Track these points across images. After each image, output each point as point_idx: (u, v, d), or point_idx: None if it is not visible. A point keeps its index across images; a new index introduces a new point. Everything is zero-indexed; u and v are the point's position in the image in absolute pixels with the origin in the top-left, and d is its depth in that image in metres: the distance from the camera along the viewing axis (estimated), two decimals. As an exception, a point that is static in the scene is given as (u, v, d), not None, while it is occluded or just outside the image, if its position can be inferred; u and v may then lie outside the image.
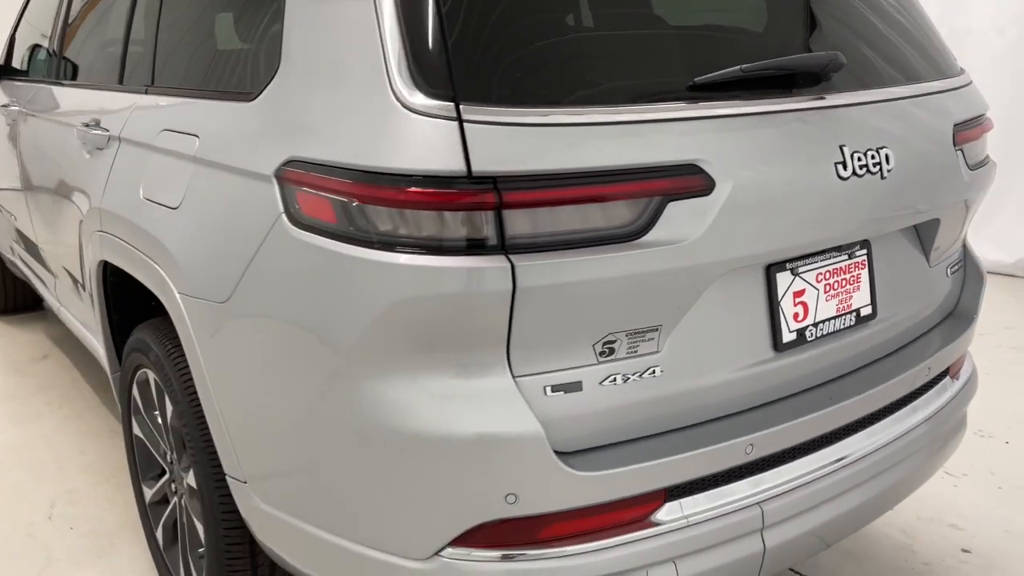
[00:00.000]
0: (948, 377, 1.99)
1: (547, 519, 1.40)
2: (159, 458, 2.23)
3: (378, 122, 1.35)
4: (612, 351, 1.42)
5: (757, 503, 1.54)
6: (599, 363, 1.42)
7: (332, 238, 1.38)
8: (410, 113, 1.31)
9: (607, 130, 1.35)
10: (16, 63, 3.58)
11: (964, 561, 2.48)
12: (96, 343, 2.72)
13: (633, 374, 1.45)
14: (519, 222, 1.29)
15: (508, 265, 1.29)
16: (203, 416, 1.83)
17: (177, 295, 1.75)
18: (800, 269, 1.62)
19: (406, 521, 1.43)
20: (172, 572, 2.24)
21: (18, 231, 3.48)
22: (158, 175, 1.87)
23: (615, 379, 1.44)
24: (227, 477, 1.76)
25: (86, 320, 2.76)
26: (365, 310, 1.34)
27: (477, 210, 1.28)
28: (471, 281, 1.29)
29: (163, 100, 2.00)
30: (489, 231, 1.28)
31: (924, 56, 1.88)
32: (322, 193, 1.40)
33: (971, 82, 2.00)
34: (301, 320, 1.45)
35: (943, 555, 2.50)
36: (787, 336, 1.62)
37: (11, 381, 3.71)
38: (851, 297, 1.72)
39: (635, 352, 1.44)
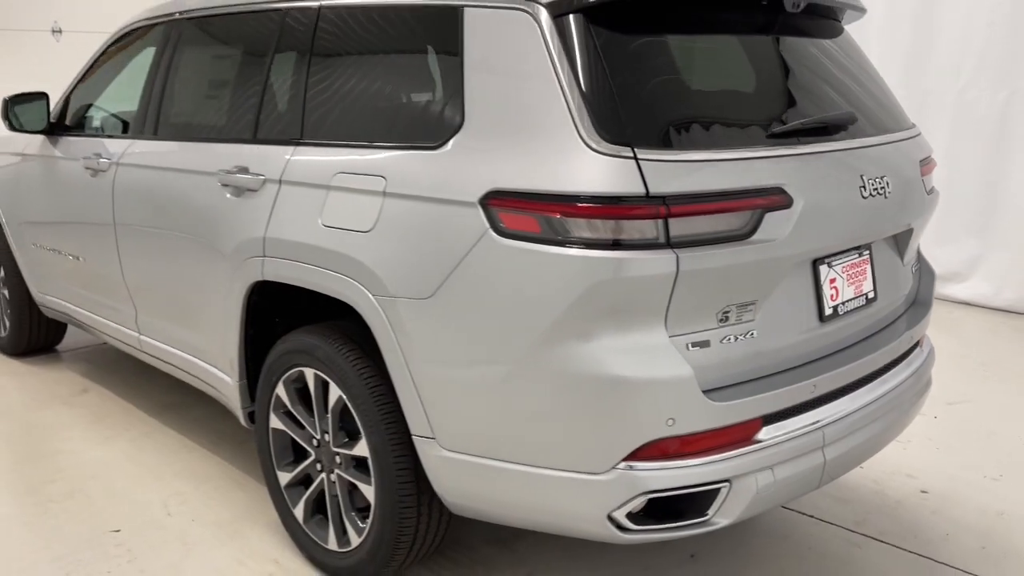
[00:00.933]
0: (919, 347, 2.71)
1: (691, 437, 2.00)
2: (303, 443, 2.70)
3: (572, 161, 1.95)
4: (727, 318, 2.05)
5: (820, 428, 2.18)
6: (719, 327, 2.05)
7: (538, 243, 1.96)
8: (597, 154, 1.92)
9: (727, 164, 2.00)
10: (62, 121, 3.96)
11: (924, 499, 3.20)
12: (198, 360, 3.16)
13: (739, 335, 2.08)
14: (679, 226, 1.91)
15: (674, 256, 1.90)
16: (381, 394, 2.36)
17: (372, 296, 2.27)
18: (834, 263, 2.30)
19: (590, 444, 2.00)
20: (315, 538, 2.69)
21: (78, 272, 3.84)
22: (341, 207, 2.39)
23: (729, 338, 2.06)
24: (413, 437, 2.28)
25: (191, 342, 3.18)
26: (569, 291, 1.93)
27: (653, 218, 1.89)
28: (648, 267, 1.89)
29: (325, 151, 2.52)
30: (660, 233, 1.90)
31: (894, 114, 2.63)
32: (526, 212, 1.98)
33: (920, 132, 2.75)
34: (509, 302, 2.02)
35: (908, 495, 3.21)
36: (827, 311, 2.28)
37: (65, 412, 4.01)
38: (862, 285, 2.41)
39: (741, 320, 2.07)
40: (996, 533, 2.96)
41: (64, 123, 3.99)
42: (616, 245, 1.90)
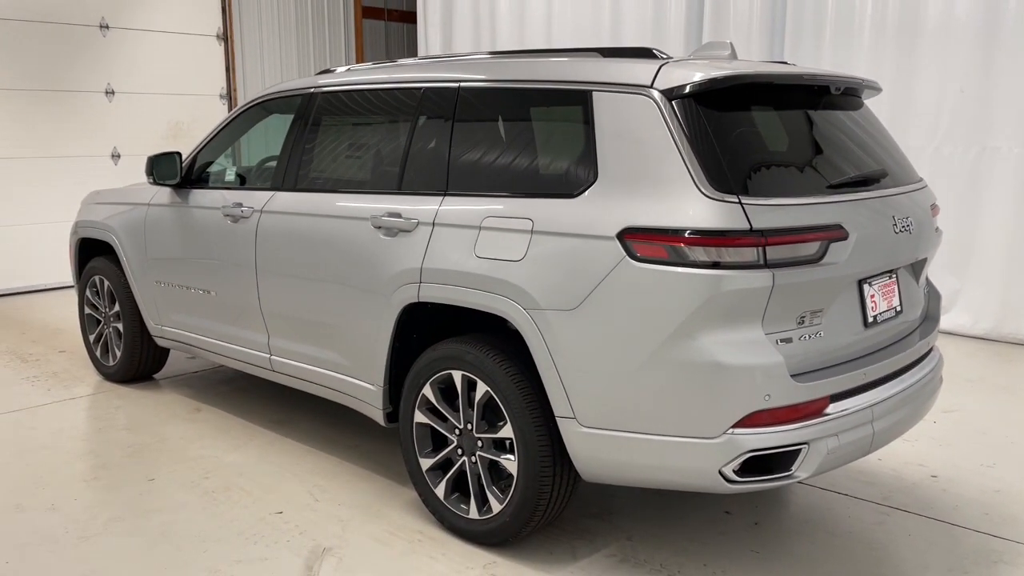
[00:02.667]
0: (932, 351, 3.45)
1: (781, 410, 2.69)
2: (446, 433, 3.35)
3: (691, 205, 2.67)
4: (803, 321, 2.77)
5: (870, 406, 2.89)
6: (797, 328, 2.76)
7: (667, 265, 2.67)
8: (711, 200, 2.65)
9: (803, 207, 2.74)
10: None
11: (935, 481, 3.91)
12: (335, 374, 3.81)
13: (812, 334, 2.79)
14: (773, 252, 2.63)
15: (771, 274, 2.62)
16: (524, 386, 3.03)
17: (524, 309, 2.96)
18: (873, 282, 3.03)
19: (705, 415, 2.69)
20: (456, 511, 3.33)
21: (207, 305, 4.48)
22: (493, 242, 3.09)
23: (804, 336, 2.78)
24: (557, 418, 2.95)
25: (329, 359, 3.83)
26: (692, 300, 2.63)
27: (755, 246, 2.61)
28: (752, 282, 2.61)
29: (472, 199, 3.23)
30: (760, 257, 2.62)
31: (907, 170, 3.40)
32: (656, 243, 2.69)
33: (927, 184, 3.53)
34: (643, 309, 2.71)
35: (921, 479, 3.93)
36: (870, 319, 3.01)
37: (188, 427, 4.61)
38: (892, 300, 3.14)
39: (812, 323, 2.79)
40: (995, 504, 3.67)
41: (191, 177, 4.66)
42: (728, 266, 2.62)
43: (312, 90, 4.12)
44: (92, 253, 5.45)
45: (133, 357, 5.22)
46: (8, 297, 8.24)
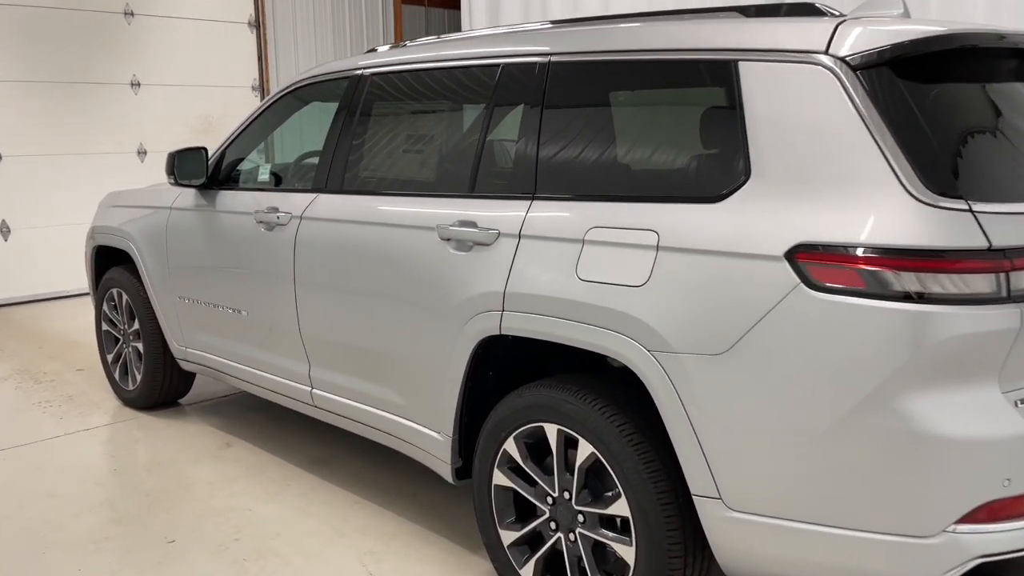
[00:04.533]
0: None
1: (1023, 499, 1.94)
2: (535, 501, 2.63)
3: (900, 214, 1.91)
4: (1045, 373, 2.00)
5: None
6: (1039, 383, 2.00)
7: (863, 298, 1.92)
8: (929, 207, 1.89)
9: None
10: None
11: None
12: (391, 416, 3.11)
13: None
14: (1021, 280, 1.87)
15: (1018, 311, 1.86)
16: (645, 451, 2.30)
17: (648, 352, 2.23)
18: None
19: (918, 505, 1.94)
20: (549, 599, 2.62)
21: (237, 325, 3.80)
22: (602, 261, 2.36)
23: (1044, 394, 2.01)
24: (693, 496, 2.22)
25: (384, 397, 3.13)
26: (902, 347, 1.88)
27: (995, 272, 1.85)
28: (991, 322, 1.85)
29: (571, 204, 2.50)
30: (1002, 287, 1.86)
31: None
32: (846, 266, 1.94)
33: None
34: (826, 356, 1.97)
35: None
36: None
37: (218, 467, 3.94)
38: None
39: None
40: None
41: (219, 177, 3.99)
42: (955, 300, 1.86)
43: (360, 72, 3.41)
44: (110, 262, 4.81)
45: (155, 381, 4.57)
46: (28, 305, 7.67)
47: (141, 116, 8.26)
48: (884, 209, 1.94)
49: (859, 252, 1.93)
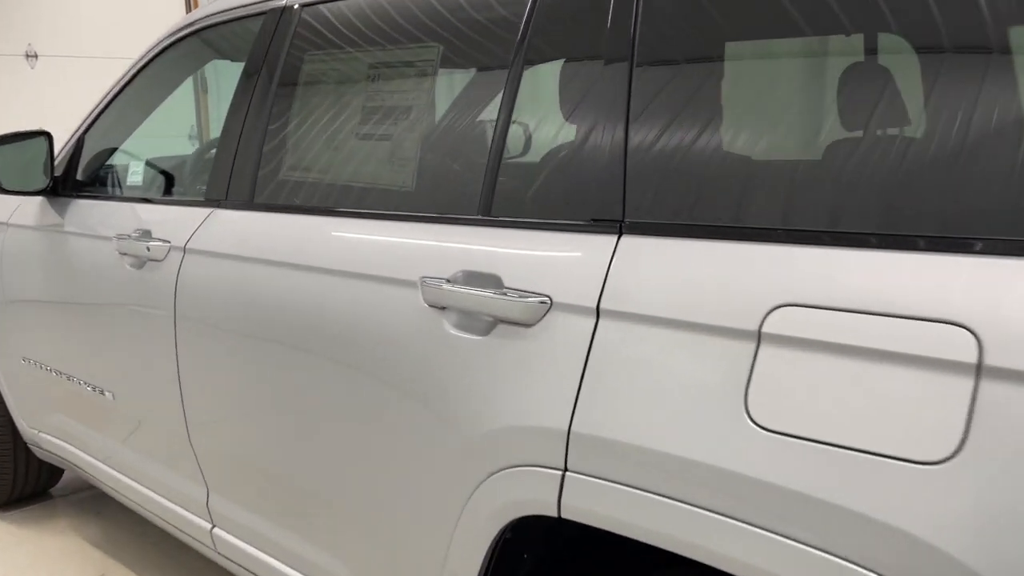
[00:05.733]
0: None
1: None
2: None
3: None
4: None
5: None
6: None
7: None
8: None
9: None
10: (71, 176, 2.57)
11: None
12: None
13: None
14: None
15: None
16: None
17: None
18: None
19: None
20: None
21: (101, 412, 2.43)
22: (809, 384, 1.03)
23: None
24: None
25: (320, 565, 1.79)
26: None
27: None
28: None
29: (705, 246, 1.17)
30: None
31: None
32: None
33: None
34: None
35: None
36: None
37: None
38: None
39: None
40: None
41: (75, 178, 2.60)
42: None
43: (284, 3, 2.04)
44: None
45: (3, 473, 3.17)
46: None
47: (39, 95, 6.76)
48: None
49: None
